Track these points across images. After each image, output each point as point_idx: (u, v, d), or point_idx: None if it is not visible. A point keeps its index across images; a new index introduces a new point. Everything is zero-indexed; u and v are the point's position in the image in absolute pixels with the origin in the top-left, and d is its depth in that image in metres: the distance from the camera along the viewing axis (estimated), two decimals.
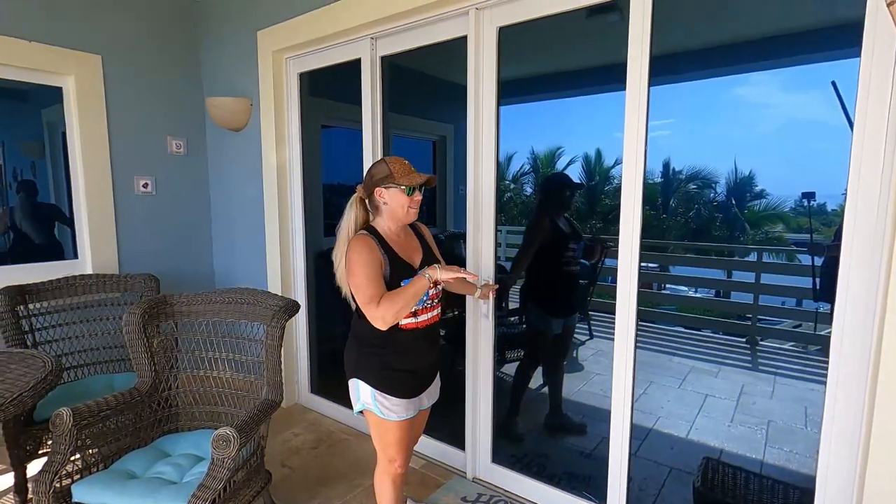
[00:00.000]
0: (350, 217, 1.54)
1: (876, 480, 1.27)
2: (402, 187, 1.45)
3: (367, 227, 1.53)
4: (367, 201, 1.55)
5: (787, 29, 2.70)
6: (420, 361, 1.57)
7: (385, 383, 1.51)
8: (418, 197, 1.48)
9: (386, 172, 1.46)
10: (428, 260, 1.57)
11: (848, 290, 1.37)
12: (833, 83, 1.66)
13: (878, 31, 1.26)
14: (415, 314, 1.51)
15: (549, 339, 2.61)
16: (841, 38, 1.37)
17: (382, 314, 1.37)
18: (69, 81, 2.62)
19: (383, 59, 2.37)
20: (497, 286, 1.94)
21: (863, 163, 1.31)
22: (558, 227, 2.48)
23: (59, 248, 2.81)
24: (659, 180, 8.54)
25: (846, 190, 1.34)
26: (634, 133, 1.65)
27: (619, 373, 1.79)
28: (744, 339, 4.48)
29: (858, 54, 1.29)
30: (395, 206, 1.48)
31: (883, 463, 1.26)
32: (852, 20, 1.31)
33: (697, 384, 3.51)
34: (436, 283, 1.44)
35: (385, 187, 1.47)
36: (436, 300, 1.57)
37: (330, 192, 3.43)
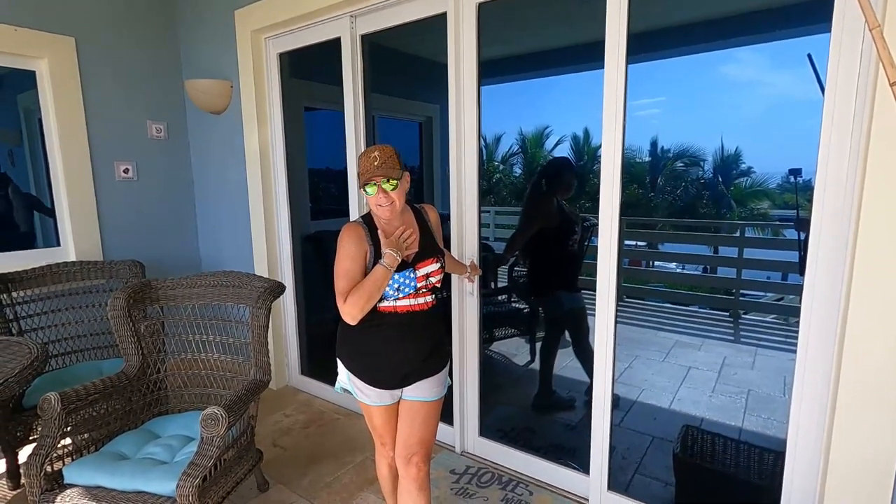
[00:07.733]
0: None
1: (842, 439, 1.33)
2: (364, 188, 1.35)
3: (365, 215, 1.46)
4: None
5: (770, 4, 2.71)
6: (395, 351, 1.44)
7: (357, 367, 1.48)
8: (382, 197, 1.33)
9: (359, 170, 1.37)
10: (424, 251, 1.45)
11: (818, 259, 1.41)
12: (809, 55, 1.67)
13: (847, 4, 1.27)
14: (395, 299, 1.41)
15: (570, 315, 2.67)
16: (818, 12, 1.39)
17: (349, 310, 1.33)
18: (42, 65, 2.56)
19: (363, 37, 2.33)
20: (479, 267, 1.98)
21: (832, 136, 1.34)
22: (562, 209, 2.51)
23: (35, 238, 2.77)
24: (647, 159, 8.55)
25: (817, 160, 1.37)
26: (613, 111, 1.66)
27: (600, 346, 1.84)
28: (727, 314, 4.57)
29: (829, 29, 1.31)
30: (371, 207, 1.39)
31: (849, 424, 1.32)
32: None
33: (681, 357, 3.60)
34: (413, 269, 1.39)
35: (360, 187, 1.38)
36: (423, 289, 1.44)
37: (318, 176, 3.40)
